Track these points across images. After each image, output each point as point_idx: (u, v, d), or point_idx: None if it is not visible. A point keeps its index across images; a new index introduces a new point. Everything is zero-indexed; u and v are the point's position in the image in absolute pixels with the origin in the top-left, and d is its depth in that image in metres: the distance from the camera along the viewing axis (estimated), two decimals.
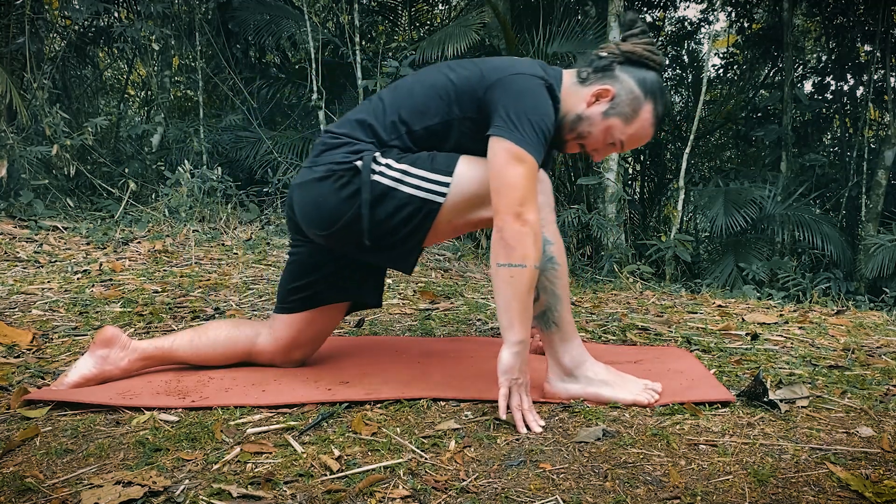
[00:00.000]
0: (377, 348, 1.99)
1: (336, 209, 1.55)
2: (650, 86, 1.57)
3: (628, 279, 4.60)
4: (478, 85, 1.52)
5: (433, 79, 1.59)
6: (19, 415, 1.44)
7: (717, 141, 10.07)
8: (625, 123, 1.58)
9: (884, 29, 7.44)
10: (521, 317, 1.42)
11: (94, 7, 6.02)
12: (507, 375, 1.42)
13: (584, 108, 1.58)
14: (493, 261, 1.44)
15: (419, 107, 1.56)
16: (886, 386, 1.67)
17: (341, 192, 1.54)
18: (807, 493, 1.12)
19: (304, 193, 1.60)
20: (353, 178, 1.53)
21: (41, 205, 4.75)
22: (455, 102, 1.54)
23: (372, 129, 1.58)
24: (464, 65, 1.60)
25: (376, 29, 7.31)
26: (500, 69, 1.52)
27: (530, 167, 1.43)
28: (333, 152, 1.57)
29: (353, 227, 1.55)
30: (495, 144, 1.45)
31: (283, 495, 1.11)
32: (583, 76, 1.59)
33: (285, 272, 1.76)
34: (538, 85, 1.50)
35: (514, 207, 1.41)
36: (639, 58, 1.58)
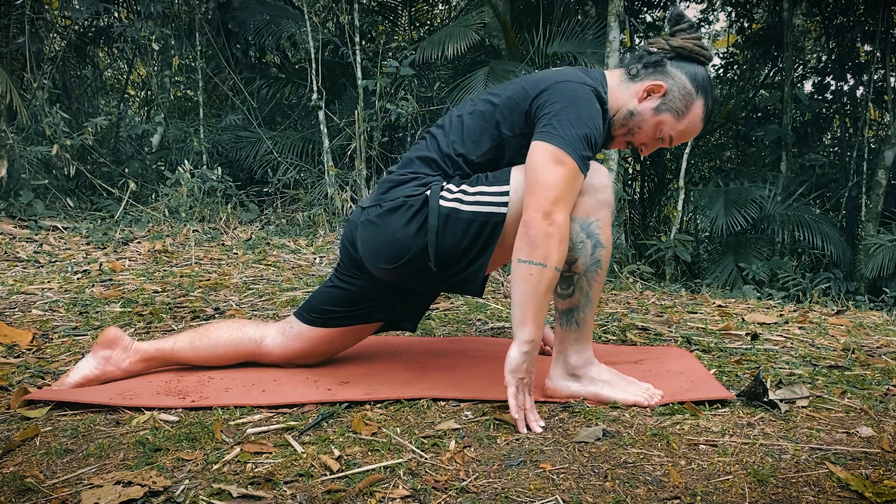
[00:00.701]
0: (377, 348, 1.99)
1: (407, 240, 1.53)
2: (702, 81, 1.57)
3: (628, 279, 4.60)
4: (523, 100, 1.53)
5: (478, 107, 1.60)
6: (19, 415, 1.45)
7: (717, 141, 10.07)
8: (676, 119, 1.58)
9: (884, 29, 7.44)
10: (536, 316, 1.41)
11: (94, 7, 6.03)
12: (515, 374, 1.41)
13: (636, 103, 1.58)
14: (515, 255, 1.43)
15: (472, 136, 1.57)
16: (886, 386, 1.67)
17: (410, 226, 1.53)
18: (807, 493, 1.12)
19: (372, 230, 1.58)
20: (422, 207, 1.53)
21: (41, 205, 4.75)
22: (503, 123, 1.54)
23: (435, 163, 1.58)
24: (504, 86, 1.60)
25: (376, 29, 7.31)
26: (544, 80, 1.53)
27: (570, 169, 1.42)
28: (403, 187, 1.57)
29: (420, 257, 1.53)
30: (537, 147, 1.45)
31: (283, 495, 1.11)
32: (633, 72, 1.59)
33: (326, 294, 1.72)
34: (585, 91, 1.50)
35: (544, 206, 1.40)
36: (689, 53, 1.58)
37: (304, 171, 6.08)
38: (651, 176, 9.40)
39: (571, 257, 1.48)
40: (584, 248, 1.48)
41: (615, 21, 5.55)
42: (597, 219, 1.49)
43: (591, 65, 5.84)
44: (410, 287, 1.65)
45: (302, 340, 1.73)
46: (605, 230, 1.51)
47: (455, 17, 8.22)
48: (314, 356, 1.77)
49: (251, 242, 4.23)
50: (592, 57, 5.78)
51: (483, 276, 1.56)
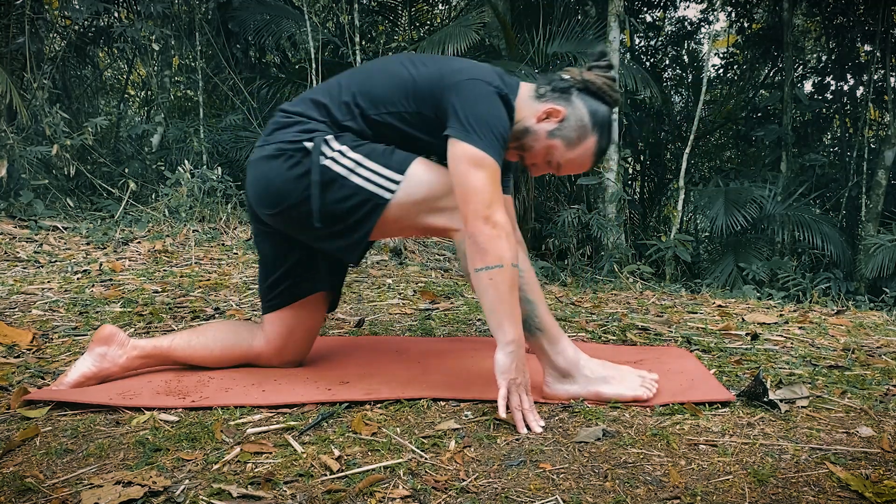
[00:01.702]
0: (377, 348, 1.99)
1: (285, 187, 1.55)
2: (600, 119, 1.60)
3: (628, 279, 4.60)
4: (436, 85, 1.53)
5: (393, 68, 1.60)
6: (19, 415, 1.44)
7: (717, 141, 10.07)
8: (566, 147, 1.60)
9: (884, 29, 7.44)
10: (510, 316, 1.43)
11: (94, 7, 6.03)
12: (505, 376, 1.42)
13: (534, 122, 1.59)
14: (471, 267, 1.45)
15: (376, 93, 1.57)
16: (886, 386, 1.67)
17: (291, 172, 1.55)
18: (807, 493, 1.12)
19: (256, 171, 1.61)
20: (302, 158, 1.54)
21: (41, 205, 4.75)
22: (412, 97, 1.55)
23: (326, 108, 1.59)
24: (424, 61, 1.61)
25: (376, 29, 7.31)
26: (460, 72, 1.54)
27: (492, 170, 1.45)
28: (285, 131, 1.58)
29: (302, 208, 1.55)
30: (455, 148, 1.47)
31: (283, 495, 1.11)
32: (540, 92, 1.61)
33: (259, 272, 1.79)
34: (492, 93, 1.52)
35: (481, 212, 1.43)
36: (597, 89, 1.60)
37: None
38: (651, 176, 9.41)
39: None
40: None
41: (615, 21, 5.55)
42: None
43: None
44: (296, 237, 1.66)
45: (274, 329, 1.75)
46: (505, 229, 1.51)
47: (455, 17, 8.22)
48: (292, 342, 1.77)
49: (251, 242, 4.23)
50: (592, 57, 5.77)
51: (361, 249, 1.59)
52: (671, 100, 9.56)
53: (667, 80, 9.74)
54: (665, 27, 10.25)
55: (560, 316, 2.54)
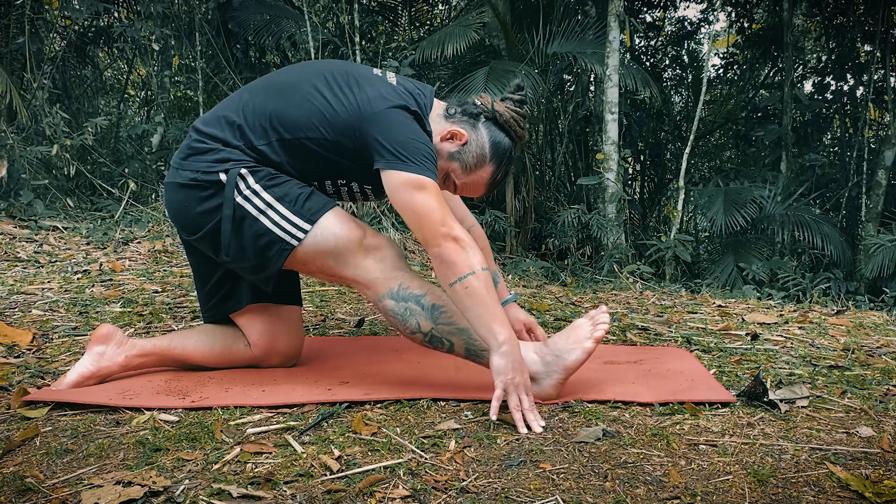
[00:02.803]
0: (377, 348, 1.99)
1: (199, 219, 1.58)
2: (501, 151, 1.63)
3: (628, 279, 4.60)
4: (354, 118, 1.53)
5: (306, 90, 1.58)
6: (19, 415, 1.44)
7: (717, 141, 10.07)
8: (463, 171, 1.63)
9: (884, 29, 7.44)
10: (495, 318, 1.44)
11: (94, 7, 6.02)
12: (502, 377, 1.42)
13: (438, 140, 1.62)
14: (444, 283, 1.47)
15: (291, 117, 1.56)
16: (886, 386, 1.67)
17: (204, 204, 1.56)
18: (807, 493, 1.12)
19: (171, 196, 1.62)
20: (217, 191, 1.55)
21: (41, 205, 4.75)
22: (330, 127, 1.55)
23: (240, 130, 1.58)
24: (339, 84, 1.58)
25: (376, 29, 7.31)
26: (375, 100, 1.53)
27: (433, 189, 1.48)
28: (199, 158, 1.57)
29: (214, 239, 1.58)
30: (391, 179, 1.49)
31: (283, 495, 1.11)
32: (450, 112, 1.64)
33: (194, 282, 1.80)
34: (409, 118, 1.54)
35: (438, 230, 1.46)
36: (504, 122, 1.63)
37: None
38: (651, 176, 9.40)
39: (412, 328, 1.53)
40: (413, 312, 1.53)
41: (615, 21, 5.54)
42: (398, 283, 1.53)
43: (592, 65, 5.84)
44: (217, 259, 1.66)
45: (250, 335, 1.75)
46: (413, 280, 1.55)
47: (455, 17, 8.22)
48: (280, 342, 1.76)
49: None
50: (592, 57, 5.78)
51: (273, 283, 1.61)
52: (671, 100, 9.56)
53: (667, 80, 9.74)
54: (665, 27, 10.25)
55: (560, 316, 2.54)
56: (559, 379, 1.52)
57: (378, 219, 4.73)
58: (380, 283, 1.54)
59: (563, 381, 1.52)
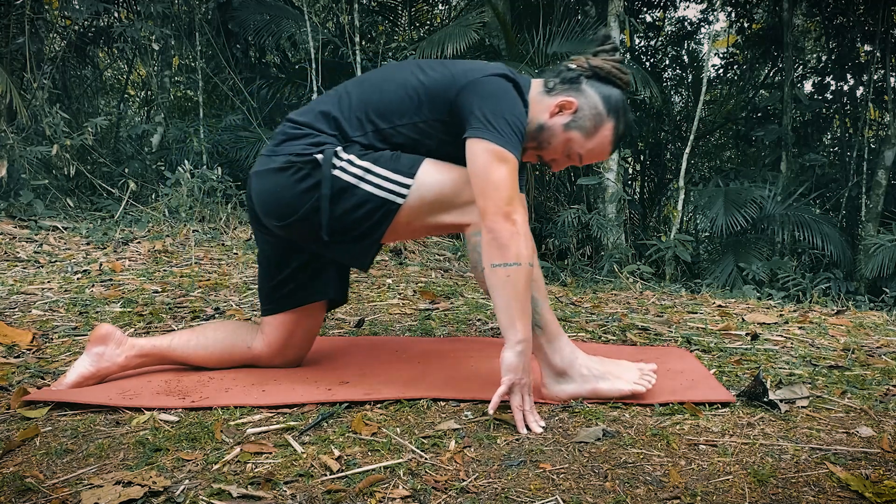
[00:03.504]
0: (377, 348, 1.99)
1: (294, 201, 1.54)
2: (615, 103, 1.57)
3: (628, 279, 4.60)
4: (449, 87, 1.51)
5: (403, 77, 1.58)
6: (19, 415, 1.44)
7: (717, 141, 10.07)
8: (585, 138, 1.58)
9: (884, 29, 7.44)
10: (522, 315, 1.42)
11: (94, 7, 6.02)
12: (511, 375, 1.41)
13: (547, 117, 1.57)
14: (487, 262, 1.43)
15: (388, 105, 1.55)
16: (886, 386, 1.67)
17: (300, 185, 1.53)
18: (807, 493, 1.12)
19: (263, 183, 1.59)
20: (312, 170, 1.52)
21: (41, 205, 4.75)
22: (426, 104, 1.53)
23: (336, 122, 1.56)
24: (433, 66, 1.58)
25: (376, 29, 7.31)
26: (472, 71, 1.52)
27: (512, 166, 1.43)
28: (294, 143, 1.56)
29: (311, 220, 1.54)
30: (475, 145, 1.44)
31: (283, 495, 1.11)
32: (549, 86, 1.59)
33: (259, 274, 1.76)
34: (509, 87, 1.50)
35: (502, 207, 1.41)
36: (606, 74, 1.58)
37: None
38: (651, 176, 9.41)
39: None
40: None
41: (615, 21, 5.55)
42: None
43: None
44: (305, 247, 1.65)
45: (273, 332, 1.74)
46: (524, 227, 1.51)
47: (455, 17, 8.22)
48: (292, 345, 1.76)
49: (251, 242, 4.23)
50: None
51: (372, 255, 1.59)
52: (671, 100, 9.56)
53: (667, 80, 9.74)
54: (665, 27, 10.25)
55: (560, 316, 2.54)
56: (581, 393, 1.53)
57: None
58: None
59: (583, 397, 1.53)
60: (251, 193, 1.63)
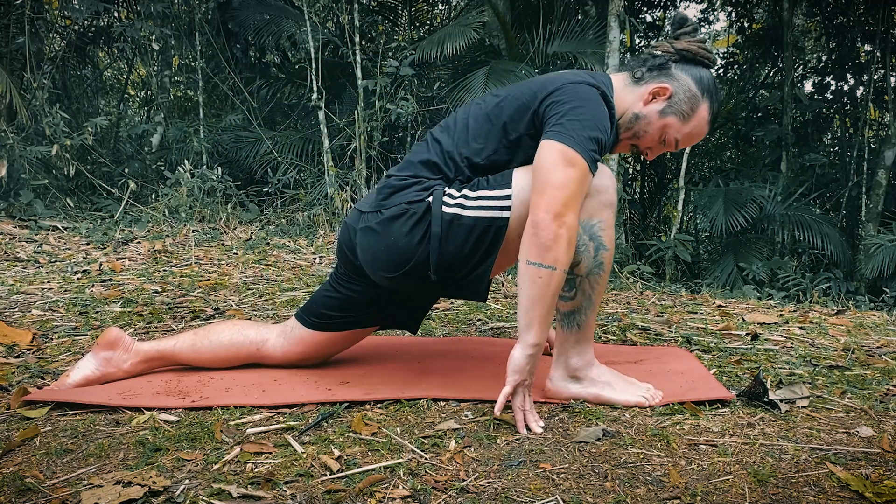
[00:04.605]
0: (377, 348, 1.99)
1: (408, 249, 1.51)
2: (707, 84, 1.57)
3: (628, 279, 4.60)
4: (531, 100, 1.51)
5: (484, 108, 1.58)
6: (19, 415, 1.44)
7: (717, 141, 10.07)
8: (682, 122, 1.57)
9: (884, 29, 7.44)
10: (543, 320, 1.40)
11: (94, 7, 6.03)
12: (517, 376, 1.40)
13: (641, 106, 1.57)
14: (523, 256, 1.40)
15: (478, 139, 1.55)
16: (886, 386, 1.67)
17: (413, 234, 1.51)
18: (807, 493, 1.12)
19: (372, 237, 1.55)
20: (424, 214, 1.51)
21: (41, 205, 4.75)
22: (510, 125, 1.53)
23: (437, 167, 1.56)
24: (510, 88, 1.59)
25: (376, 29, 7.31)
26: (553, 81, 1.52)
27: (581, 171, 1.40)
28: (404, 193, 1.54)
29: (423, 265, 1.52)
30: (546, 145, 1.43)
31: (283, 495, 1.11)
32: (637, 75, 1.58)
33: (326, 300, 1.71)
34: (594, 93, 1.48)
35: (555, 207, 1.38)
36: (694, 56, 1.57)
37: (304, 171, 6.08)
38: (651, 176, 9.40)
39: (574, 259, 1.46)
40: (587, 250, 1.48)
41: (615, 21, 5.54)
42: (599, 220, 1.49)
43: (592, 65, 5.84)
44: (412, 293, 1.64)
45: (303, 344, 1.73)
46: (608, 232, 1.50)
47: (455, 17, 8.22)
48: (315, 358, 1.77)
49: (251, 242, 4.23)
50: (592, 57, 5.78)
51: (487, 282, 1.55)
52: None
53: None
54: (665, 27, 10.25)
55: None
56: (584, 395, 1.53)
57: None
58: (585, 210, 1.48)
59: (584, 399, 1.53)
60: (354, 248, 1.60)
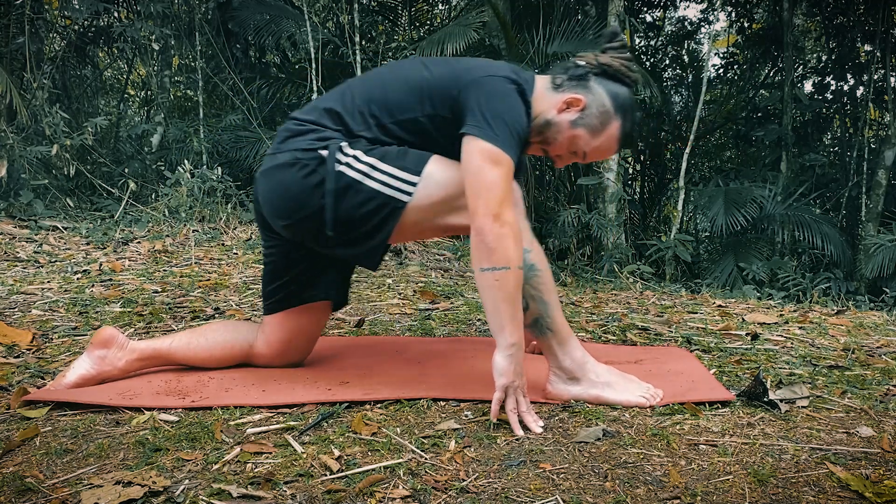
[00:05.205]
0: (377, 348, 1.99)
1: (300, 198, 1.53)
2: (622, 101, 1.56)
3: (628, 279, 4.60)
4: (452, 84, 1.51)
5: (407, 73, 1.57)
6: (19, 415, 1.44)
7: (717, 141, 10.07)
8: (591, 135, 1.57)
9: (884, 29, 7.44)
10: (512, 319, 1.41)
11: (94, 7, 6.03)
12: (503, 379, 1.41)
13: (555, 113, 1.56)
14: (476, 265, 1.42)
15: (391, 101, 1.55)
16: (886, 386, 1.67)
17: (306, 181, 1.52)
18: (807, 493, 1.12)
19: (268, 181, 1.58)
20: (318, 166, 1.51)
21: (41, 205, 4.75)
22: (428, 99, 1.53)
23: (340, 117, 1.56)
24: (437, 63, 1.58)
25: (376, 29, 7.31)
26: (475, 69, 1.52)
27: (507, 168, 1.42)
28: (298, 139, 1.55)
29: (316, 218, 1.53)
30: (470, 144, 1.44)
31: (283, 495, 1.11)
32: (557, 82, 1.58)
33: (263, 274, 1.76)
34: (511, 89, 1.49)
35: (492, 208, 1.39)
36: (615, 72, 1.57)
37: None
38: (651, 176, 9.41)
39: None
40: None
41: (615, 21, 5.55)
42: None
43: None
44: (310, 246, 1.64)
45: (275, 332, 1.74)
46: (526, 233, 1.51)
47: (455, 17, 8.22)
48: (293, 346, 1.76)
49: (251, 242, 4.23)
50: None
51: (380, 254, 1.58)
52: (671, 100, 9.56)
53: (667, 80, 9.74)
54: (665, 27, 10.25)
55: None
56: (583, 396, 1.53)
57: None
58: None
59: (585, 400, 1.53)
60: (257, 195, 1.63)
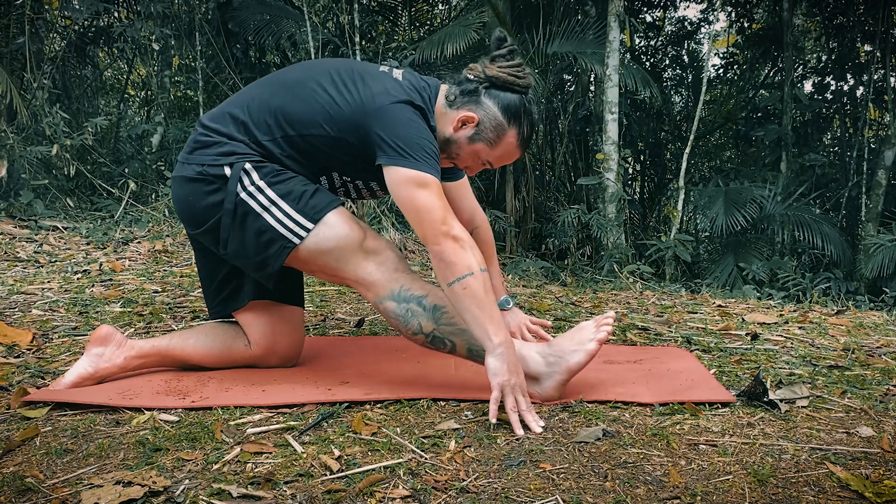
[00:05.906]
0: (377, 348, 1.99)
1: (204, 212, 1.59)
2: (514, 110, 1.59)
3: (628, 279, 4.60)
4: (357, 113, 1.54)
5: (311, 90, 1.58)
6: (19, 415, 1.44)
7: (717, 141, 10.07)
8: (490, 148, 1.61)
9: (884, 29, 7.44)
10: (491, 319, 1.43)
11: (94, 7, 6.02)
12: (497, 379, 1.41)
13: (452, 131, 1.61)
14: (443, 283, 1.47)
15: (295, 114, 1.57)
16: (886, 386, 1.67)
17: (208, 199, 1.58)
18: (807, 493, 1.12)
19: (178, 190, 1.64)
20: (222, 185, 1.56)
21: (41, 205, 4.75)
22: (332, 123, 1.56)
23: (245, 126, 1.59)
24: (344, 81, 1.58)
25: (376, 29, 7.31)
26: (379, 96, 1.53)
27: (435, 186, 1.48)
28: (204, 151, 1.59)
29: (216, 233, 1.59)
30: (393, 175, 1.49)
31: (283, 495, 1.11)
32: (450, 98, 1.61)
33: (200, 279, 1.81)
34: (414, 114, 1.53)
35: (439, 228, 1.45)
36: (503, 82, 1.59)
37: None
38: (651, 176, 9.41)
39: (414, 329, 1.54)
40: (414, 313, 1.53)
41: (615, 21, 5.54)
42: (401, 286, 1.54)
43: (592, 65, 5.84)
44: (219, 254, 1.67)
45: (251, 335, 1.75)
46: (416, 284, 1.55)
47: (455, 17, 8.22)
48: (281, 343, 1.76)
49: None
50: (592, 57, 5.78)
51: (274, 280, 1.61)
52: (671, 100, 9.56)
53: (667, 80, 9.74)
54: (665, 27, 10.25)
55: (560, 316, 2.54)
56: (561, 380, 1.52)
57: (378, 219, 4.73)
58: (381, 284, 1.55)
59: (565, 381, 1.52)
60: (172, 198, 1.69)
